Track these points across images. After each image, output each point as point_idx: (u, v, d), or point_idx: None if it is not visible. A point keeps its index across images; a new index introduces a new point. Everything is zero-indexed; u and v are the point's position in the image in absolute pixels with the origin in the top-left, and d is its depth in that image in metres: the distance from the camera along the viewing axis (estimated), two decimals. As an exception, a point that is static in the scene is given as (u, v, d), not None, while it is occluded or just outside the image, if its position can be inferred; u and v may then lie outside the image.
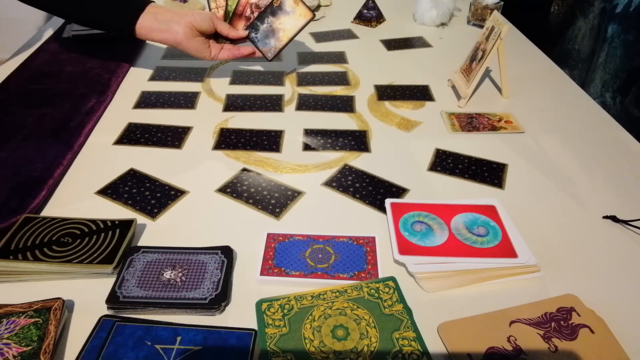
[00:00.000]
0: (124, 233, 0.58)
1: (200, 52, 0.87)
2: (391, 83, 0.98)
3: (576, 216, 0.65)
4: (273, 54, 0.91)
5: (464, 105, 0.89)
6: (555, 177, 0.72)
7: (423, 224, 0.61)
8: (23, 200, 0.64)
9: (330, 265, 0.55)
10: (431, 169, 0.74)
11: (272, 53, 0.90)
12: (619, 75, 1.45)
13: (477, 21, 1.23)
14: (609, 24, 1.48)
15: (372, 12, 1.25)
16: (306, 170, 0.73)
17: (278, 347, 0.46)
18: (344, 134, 0.82)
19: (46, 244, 0.56)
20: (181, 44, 0.85)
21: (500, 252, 0.56)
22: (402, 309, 0.50)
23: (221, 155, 0.76)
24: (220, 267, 0.55)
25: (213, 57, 0.88)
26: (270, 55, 0.91)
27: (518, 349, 0.47)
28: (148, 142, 0.79)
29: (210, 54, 0.88)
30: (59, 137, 0.77)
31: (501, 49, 0.85)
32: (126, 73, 1.00)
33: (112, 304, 0.51)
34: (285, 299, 0.51)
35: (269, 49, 0.90)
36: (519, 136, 0.82)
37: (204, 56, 0.87)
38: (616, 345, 0.47)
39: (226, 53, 0.89)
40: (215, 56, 0.88)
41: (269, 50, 0.90)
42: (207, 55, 0.88)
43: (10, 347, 0.45)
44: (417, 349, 0.46)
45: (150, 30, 0.84)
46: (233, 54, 0.90)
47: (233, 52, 0.90)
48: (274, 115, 0.87)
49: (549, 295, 0.53)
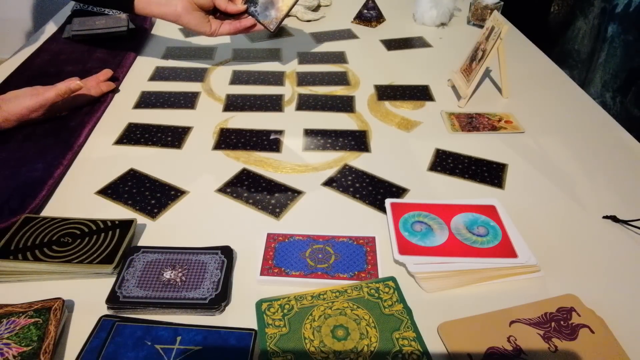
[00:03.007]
0: (124, 233, 0.58)
1: (199, 26, 0.85)
2: (391, 83, 0.98)
3: (576, 216, 0.65)
4: (275, 25, 0.88)
5: (464, 105, 0.89)
6: (555, 177, 0.72)
7: (423, 224, 0.61)
8: (23, 200, 0.64)
9: (330, 265, 0.56)
10: (431, 169, 0.74)
11: (275, 24, 0.88)
12: (619, 75, 1.45)
13: (477, 21, 1.23)
14: (609, 24, 1.48)
15: (372, 12, 1.25)
16: (306, 170, 0.73)
17: (278, 347, 0.46)
18: (344, 134, 0.82)
19: (46, 244, 0.56)
20: (180, 18, 0.84)
21: (500, 252, 0.56)
22: (402, 309, 0.50)
23: (221, 155, 0.76)
24: (220, 267, 0.55)
25: (213, 32, 0.87)
26: (272, 27, 0.88)
27: (518, 349, 0.47)
28: (148, 142, 0.79)
29: (210, 28, 0.87)
30: (59, 137, 0.77)
31: (501, 49, 0.85)
32: (126, 73, 1.00)
33: (112, 304, 0.51)
34: (285, 299, 0.51)
35: (270, 21, 0.87)
36: (519, 136, 0.82)
37: (204, 31, 0.86)
38: (616, 345, 0.47)
39: (227, 27, 0.88)
40: (216, 31, 0.87)
41: (271, 22, 0.87)
42: (207, 30, 0.86)
43: (10, 347, 0.45)
44: (417, 349, 0.46)
45: (149, 4, 0.83)
46: (235, 27, 0.88)
47: (235, 25, 0.88)
48: (274, 115, 0.87)
49: (549, 295, 0.53)
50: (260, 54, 1.09)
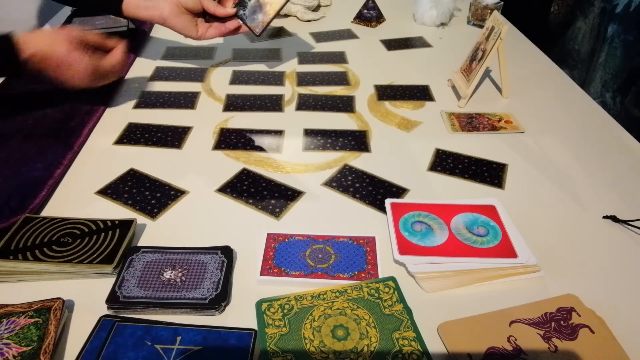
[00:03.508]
0: (124, 233, 0.58)
1: (187, 29, 0.85)
2: (391, 83, 0.98)
3: (576, 216, 0.65)
4: (261, 29, 0.89)
5: (464, 105, 0.89)
6: (555, 177, 0.72)
7: (423, 224, 0.61)
8: (23, 200, 0.64)
9: (330, 265, 0.56)
10: (431, 169, 0.74)
11: (260, 28, 0.89)
12: (619, 75, 1.45)
13: (477, 21, 1.23)
14: (609, 24, 1.48)
15: (372, 12, 1.25)
16: (306, 170, 0.73)
17: (278, 347, 0.46)
18: (344, 134, 0.82)
19: (46, 244, 0.56)
20: (167, 21, 0.84)
21: (500, 252, 0.56)
22: (402, 309, 0.50)
23: (221, 155, 0.76)
24: (220, 267, 0.55)
25: (200, 36, 0.87)
26: (258, 31, 0.89)
27: (518, 349, 0.47)
28: (148, 142, 0.79)
29: (197, 32, 0.87)
30: (59, 137, 0.77)
31: (501, 49, 0.85)
32: (126, 73, 1.00)
33: (112, 304, 0.51)
34: (285, 299, 0.51)
35: (257, 25, 0.89)
36: (519, 136, 0.82)
37: (191, 34, 0.86)
38: (616, 345, 0.47)
39: (213, 31, 0.88)
40: (203, 35, 0.87)
41: (257, 25, 0.89)
42: (194, 34, 0.86)
43: (10, 347, 0.45)
44: (417, 349, 0.46)
45: (137, 7, 0.83)
46: (220, 30, 0.89)
47: (220, 29, 0.89)
48: (274, 115, 0.87)
49: (549, 295, 0.53)
50: (260, 54, 1.09)
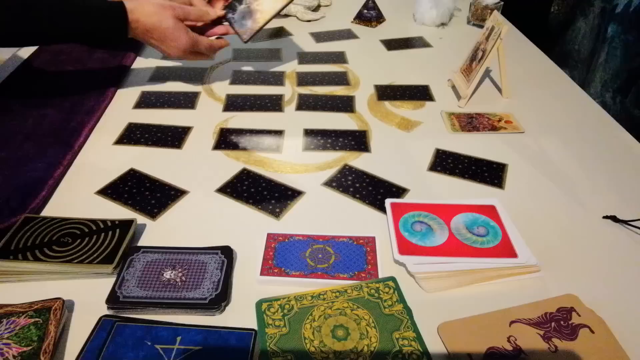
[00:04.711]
0: (124, 233, 0.58)
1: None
2: (391, 83, 0.98)
3: (576, 216, 0.65)
4: (249, 36, 0.89)
5: (464, 105, 0.89)
6: (555, 177, 0.72)
7: (423, 224, 0.61)
8: (23, 200, 0.64)
9: (330, 265, 0.56)
10: (431, 169, 0.74)
11: (248, 35, 0.89)
12: (619, 75, 1.45)
13: (477, 21, 1.23)
14: (609, 24, 1.48)
15: (372, 12, 1.25)
16: (306, 170, 0.73)
17: (278, 347, 0.46)
18: (344, 134, 0.82)
19: (46, 244, 0.56)
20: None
21: (500, 252, 0.56)
22: (402, 309, 0.50)
23: (221, 155, 0.76)
24: (220, 267, 0.55)
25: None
26: (245, 38, 0.89)
27: (518, 349, 0.47)
28: (148, 142, 0.79)
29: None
30: (59, 137, 0.77)
31: (501, 49, 0.85)
32: (126, 73, 1.00)
33: (112, 304, 0.51)
34: (285, 299, 0.51)
35: (245, 31, 0.88)
36: (519, 136, 0.82)
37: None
38: (616, 345, 0.47)
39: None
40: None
41: (245, 32, 0.88)
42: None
43: (10, 347, 0.45)
44: (417, 349, 0.46)
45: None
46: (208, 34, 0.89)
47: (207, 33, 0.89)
48: (274, 115, 0.87)
49: (549, 295, 0.53)
50: (260, 54, 1.09)
